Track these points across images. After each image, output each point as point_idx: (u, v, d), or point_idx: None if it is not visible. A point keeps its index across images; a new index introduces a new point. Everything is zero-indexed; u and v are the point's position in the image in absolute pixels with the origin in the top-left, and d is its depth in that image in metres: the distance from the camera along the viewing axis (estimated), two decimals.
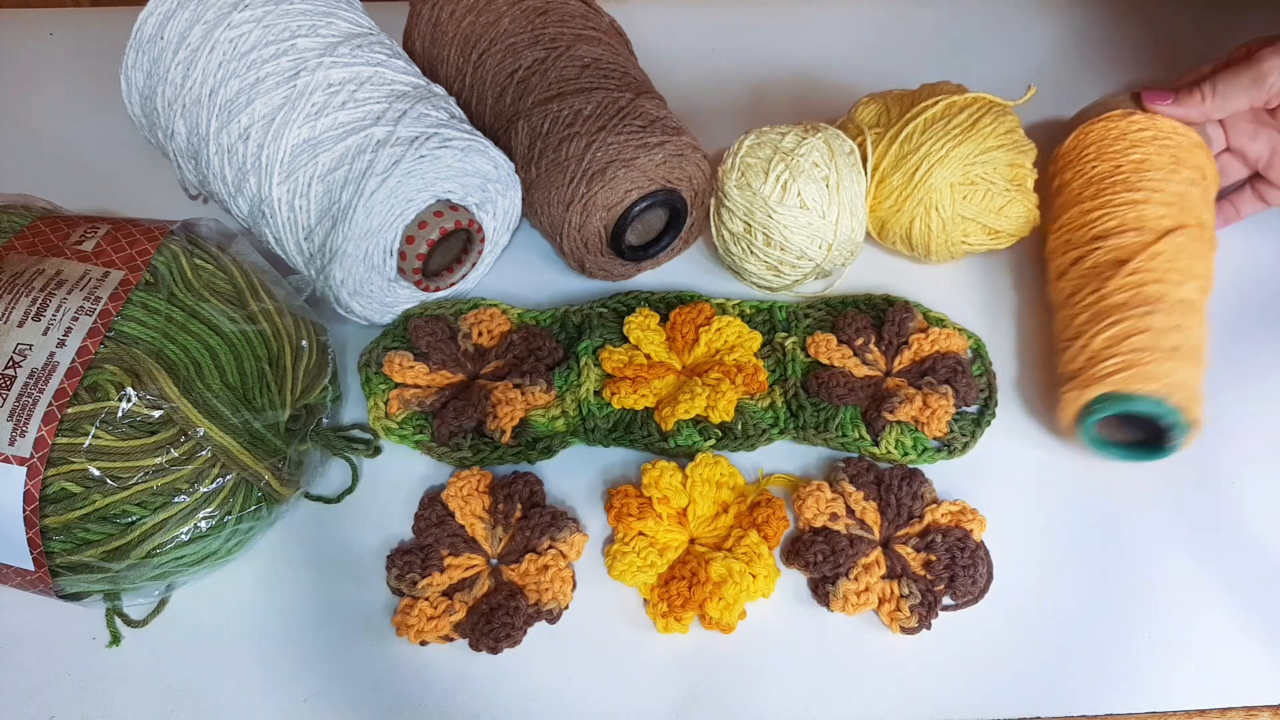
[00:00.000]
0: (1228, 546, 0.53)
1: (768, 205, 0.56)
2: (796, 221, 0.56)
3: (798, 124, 0.58)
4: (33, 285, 0.47)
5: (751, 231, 0.57)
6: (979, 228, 0.58)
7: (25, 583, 0.46)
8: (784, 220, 0.56)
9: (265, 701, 0.48)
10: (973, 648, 0.50)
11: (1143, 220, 0.55)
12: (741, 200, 0.57)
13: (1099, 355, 0.52)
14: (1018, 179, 0.58)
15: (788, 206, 0.56)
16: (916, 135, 0.58)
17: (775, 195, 0.56)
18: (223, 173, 0.55)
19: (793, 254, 0.57)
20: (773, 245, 0.57)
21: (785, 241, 0.57)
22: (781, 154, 0.56)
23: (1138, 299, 0.53)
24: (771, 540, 0.51)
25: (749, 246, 0.58)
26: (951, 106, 0.58)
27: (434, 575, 0.50)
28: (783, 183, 0.56)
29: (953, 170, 0.57)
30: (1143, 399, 0.50)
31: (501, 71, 0.60)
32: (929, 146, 0.57)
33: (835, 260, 0.58)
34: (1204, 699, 0.48)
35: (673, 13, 0.78)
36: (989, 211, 0.58)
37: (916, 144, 0.57)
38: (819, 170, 0.56)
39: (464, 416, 0.54)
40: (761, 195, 0.56)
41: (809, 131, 0.57)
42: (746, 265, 0.59)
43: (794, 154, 0.56)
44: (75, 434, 0.44)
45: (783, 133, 0.57)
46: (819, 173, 0.56)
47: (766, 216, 0.56)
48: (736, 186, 0.57)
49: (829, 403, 0.56)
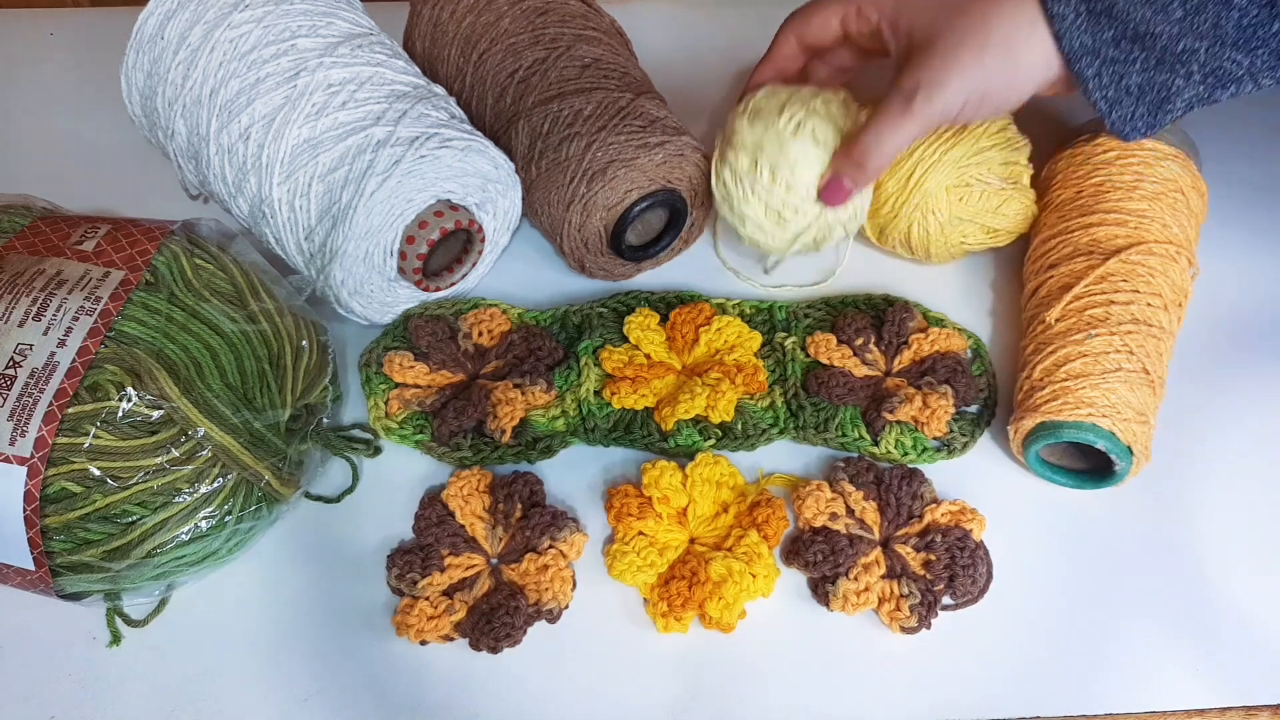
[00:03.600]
0: (1228, 546, 0.53)
1: (780, 136, 0.53)
2: (807, 156, 0.53)
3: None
4: (33, 285, 0.47)
5: (757, 169, 0.54)
6: (977, 228, 0.58)
7: (25, 582, 0.46)
8: (794, 154, 0.53)
9: (265, 701, 0.48)
10: (972, 648, 0.50)
11: (1095, 243, 0.55)
12: (751, 135, 0.54)
13: (1036, 385, 0.53)
14: (1012, 176, 0.58)
15: (800, 141, 0.53)
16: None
17: (789, 129, 0.53)
18: (223, 173, 0.55)
19: (797, 195, 0.54)
20: (778, 182, 0.54)
21: (792, 178, 0.53)
22: (799, 99, 0.54)
23: (1079, 324, 0.53)
24: (771, 540, 0.51)
25: (752, 186, 0.54)
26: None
27: (434, 575, 0.50)
28: (797, 121, 0.53)
29: (946, 173, 0.57)
30: (1071, 426, 0.50)
31: (502, 71, 0.60)
32: (921, 151, 0.57)
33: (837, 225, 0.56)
34: (1204, 699, 0.48)
35: (673, 13, 0.78)
36: (986, 211, 0.58)
37: (909, 150, 0.57)
38: (835, 121, 0.53)
39: (464, 416, 0.54)
40: (775, 128, 0.53)
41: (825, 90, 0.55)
42: (746, 210, 0.55)
43: (811, 101, 0.54)
44: (76, 434, 0.44)
45: (799, 87, 0.55)
46: (833, 124, 0.53)
47: (777, 149, 0.53)
48: (748, 123, 0.54)
49: (829, 402, 0.56)
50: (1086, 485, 0.53)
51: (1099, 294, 0.53)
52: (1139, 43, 0.45)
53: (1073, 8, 0.46)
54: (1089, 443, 0.50)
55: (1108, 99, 0.47)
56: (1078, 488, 0.54)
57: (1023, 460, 0.54)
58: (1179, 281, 0.55)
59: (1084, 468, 0.54)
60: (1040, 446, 0.52)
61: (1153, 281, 0.53)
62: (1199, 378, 0.58)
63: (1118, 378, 0.51)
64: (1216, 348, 0.59)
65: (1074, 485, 0.54)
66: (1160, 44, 0.45)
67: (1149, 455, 0.52)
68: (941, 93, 0.48)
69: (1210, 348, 0.59)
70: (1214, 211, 0.60)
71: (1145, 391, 0.51)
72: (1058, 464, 0.54)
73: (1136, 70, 0.46)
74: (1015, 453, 0.54)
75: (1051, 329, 0.54)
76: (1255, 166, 0.67)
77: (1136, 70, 0.46)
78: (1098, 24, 0.46)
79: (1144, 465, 0.52)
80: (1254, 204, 0.66)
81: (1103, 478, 0.53)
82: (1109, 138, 0.58)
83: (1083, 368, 0.52)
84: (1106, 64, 0.46)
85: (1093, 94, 0.47)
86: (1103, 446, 0.50)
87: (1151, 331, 0.52)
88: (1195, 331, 0.58)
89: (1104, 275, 0.54)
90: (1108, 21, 0.45)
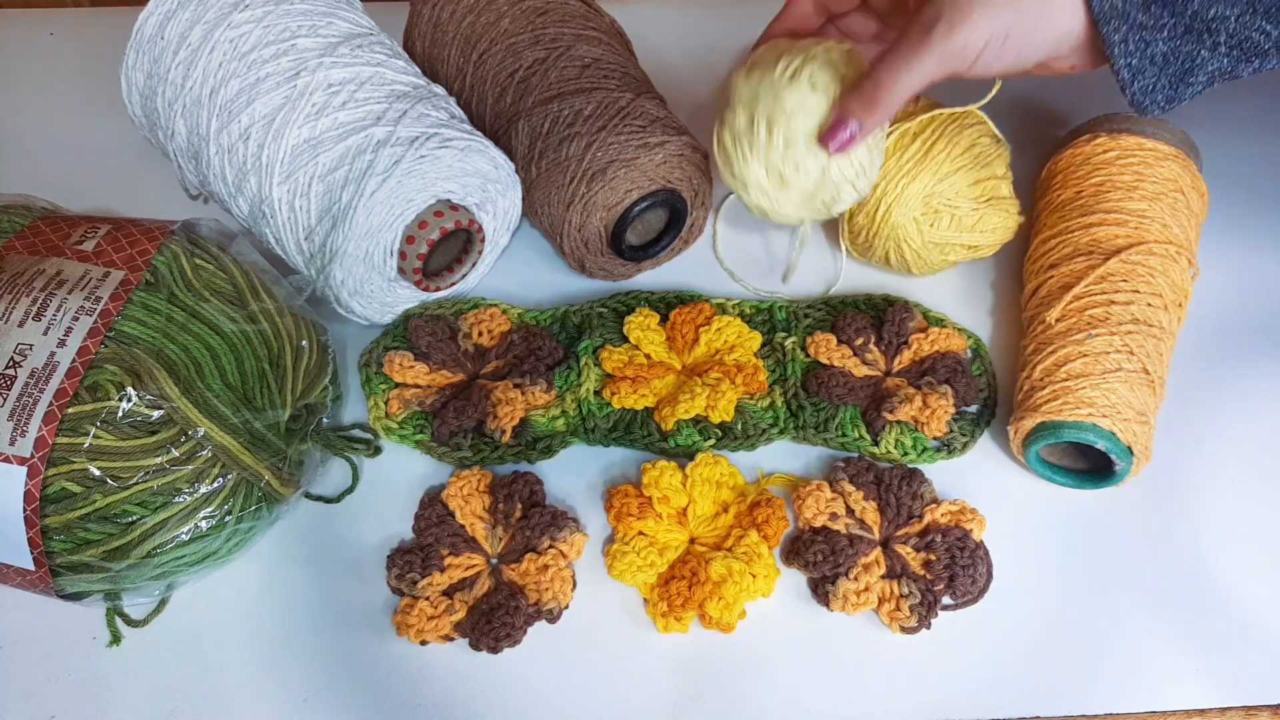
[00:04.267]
0: (1228, 546, 0.53)
1: (775, 86, 0.50)
2: (805, 105, 0.49)
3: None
4: (33, 285, 0.47)
5: (754, 126, 0.51)
6: (956, 247, 0.58)
7: (25, 582, 0.46)
8: (790, 103, 0.49)
9: (265, 701, 0.48)
10: (972, 648, 0.50)
11: (1095, 243, 0.55)
12: (747, 88, 0.51)
13: (1036, 385, 0.53)
14: (986, 193, 0.56)
15: (796, 88, 0.49)
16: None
17: (784, 79, 0.50)
18: (223, 173, 0.55)
19: (797, 149, 0.50)
20: (775, 136, 0.50)
21: (790, 131, 0.50)
22: (799, 48, 0.51)
23: (1079, 324, 0.53)
24: (771, 540, 0.51)
25: (750, 145, 0.51)
26: (905, 136, 0.56)
27: (434, 575, 0.50)
28: (794, 68, 0.50)
29: (911, 206, 0.56)
30: (1072, 426, 0.50)
31: (502, 71, 0.60)
32: (884, 185, 0.56)
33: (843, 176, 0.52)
34: (1204, 699, 0.48)
35: (673, 13, 0.78)
36: (961, 231, 0.57)
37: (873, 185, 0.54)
38: (835, 66, 0.50)
39: (464, 416, 0.54)
40: (769, 79, 0.50)
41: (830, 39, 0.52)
42: (746, 174, 0.52)
43: (810, 50, 0.51)
44: (76, 434, 0.44)
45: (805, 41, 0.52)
46: (835, 66, 0.50)
47: (772, 99, 0.50)
48: (744, 78, 0.51)
49: (829, 402, 0.56)
50: (1086, 485, 0.53)
51: (1099, 294, 0.53)
52: (1169, 8, 0.44)
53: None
54: (1089, 443, 0.50)
55: (1131, 67, 0.46)
56: (1078, 488, 0.54)
57: (1023, 460, 0.54)
58: (1179, 281, 0.55)
59: (1084, 468, 0.54)
60: (1040, 446, 0.52)
61: (1153, 282, 0.53)
62: (1199, 378, 0.58)
63: (1118, 378, 0.51)
64: (1216, 348, 0.59)
65: (1074, 485, 0.54)
66: (1191, 9, 0.44)
67: (1149, 455, 0.52)
68: (965, 25, 0.45)
69: (1210, 348, 0.59)
70: (1214, 211, 0.60)
71: (1145, 391, 0.51)
72: (1058, 464, 0.54)
73: (1164, 38, 0.45)
74: (1015, 453, 0.54)
75: (1052, 329, 0.54)
76: (1255, 166, 0.67)
77: (1164, 38, 0.45)
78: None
79: (1144, 465, 0.52)
80: (1254, 204, 0.66)
81: (1103, 478, 0.53)
82: (1109, 137, 0.58)
83: (1083, 368, 0.52)
84: (1134, 29, 0.45)
85: (1117, 61, 0.45)
86: (1103, 446, 0.50)
87: (1152, 331, 0.53)
88: (1195, 331, 0.58)
89: (1104, 275, 0.54)
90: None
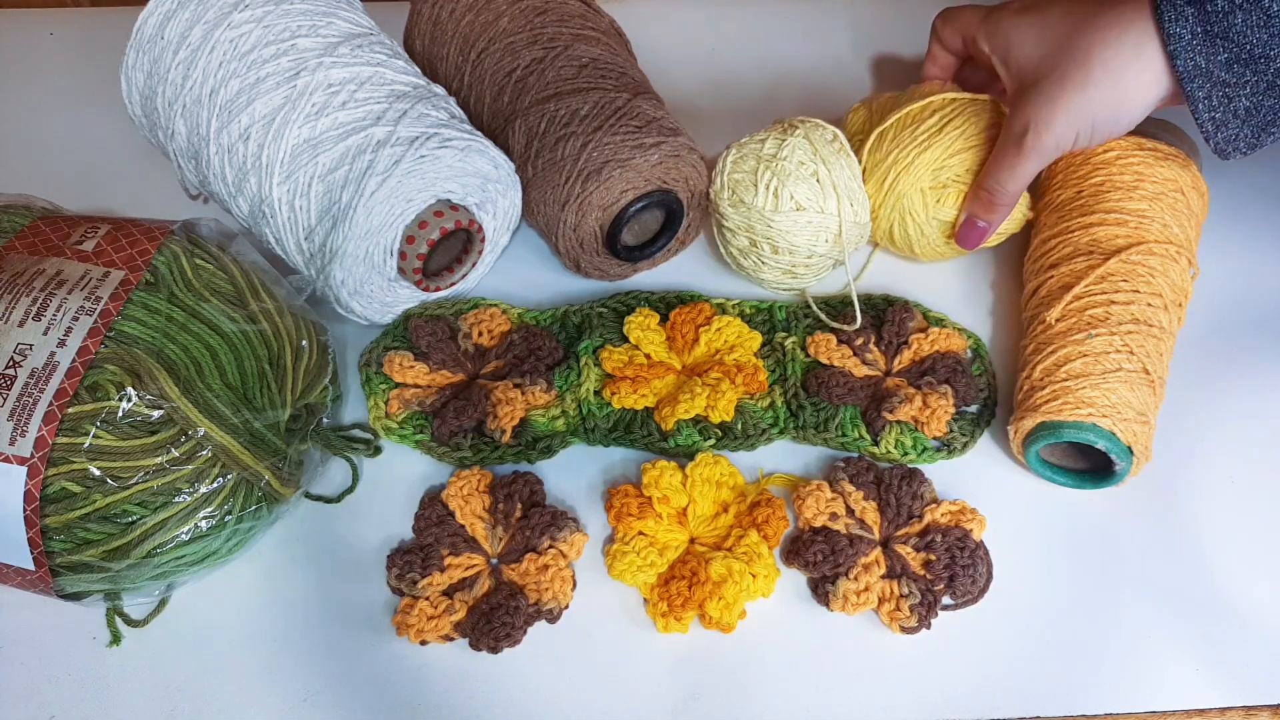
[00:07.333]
0: (1228, 546, 0.53)
1: (764, 216, 0.55)
2: (796, 224, 0.55)
3: (776, 124, 0.58)
4: (33, 285, 0.47)
5: (757, 245, 0.57)
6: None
7: (25, 582, 0.46)
8: (783, 226, 0.55)
9: (265, 701, 0.48)
10: (972, 648, 0.50)
11: (1095, 243, 0.55)
12: (738, 217, 0.57)
13: (1036, 385, 0.53)
14: None
15: (784, 213, 0.55)
16: (886, 142, 0.57)
17: (769, 205, 0.55)
18: (223, 173, 0.55)
19: (802, 254, 0.57)
20: (780, 252, 0.57)
21: (792, 246, 0.56)
22: (765, 162, 0.56)
23: (1079, 324, 0.53)
24: (771, 540, 0.51)
25: (759, 259, 0.58)
26: (925, 109, 0.57)
27: (434, 575, 0.50)
28: (773, 190, 0.55)
29: (920, 176, 0.56)
30: (1072, 426, 0.50)
31: (500, 71, 0.60)
32: (896, 154, 0.57)
33: (848, 245, 0.57)
34: (1204, 699, 0.48)
35: (673, 13, 0.78)
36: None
37: (886, 151, 0.57)
38: (805, 168, 0.55)
39: (464, 416, 0.54)
40: (756, 208, 0.56)
41: (787, 131, 0.57)
42: (762, 275, 0.59)
43: (777, 159, 0.55)
44: (76, 434, 0.44)
45: (762, 139, 0.57)
46: (806, 170, 0.55)
47: (766, 227, 0.56)
48: (730, 205, 0.57)
49: (829, 402, 0.56)
50: (1086, 485, 0.53)
51: (1099, 294, 0.53)
52: (1251, 66, 0.46)
53: (1189, 28, 0.46)
54: (1089, 443, 0.50)
55: (1215, 120, 0.48)
56: (1078, 488, 0.54)
57: (1023, 460, 0.54)
58: (1179, 281, 0.55)
59: (1084, 468, 0.54)
60: (1040, 446, 0.52)
61: (1153, 281, 0.53)
62: (1199, 378, 0.58)
63: (1118, 378, 0.51)
64: (1216, 348, 0.59)
65: (1074, 485, 0.54)
66: (1274, 67, 0.45)
67: (1149, 455, 0.52)
68: (1050, 132, 0.51)
69: (1210, 348, 0.59)
70: (1214, 211, 0.60)
71: (1145, 391, 0.51)
72: (1058, 464, 0.54)
73: (1246, 95, 0.47)
74: (1015, 453, 0.54)
75: (1052, 329, 0.54)
76: (1255, 166, 0.67)
77: (1246, 95, 0.47)
78: (1213, 46, 0.46)
79: (1144, 465, 0.52)
80: (1254, 204, 0.66)
81: (1103, 478, 0.53)
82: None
83: (1083, 368, 0.52)
84: (1218, 86, 0.47)
85: (1200, 115, 0.48)
86: (1103, 446, 0.50)
87: (1152, 331, 0.52)
88: (1195, 331, 0.58)
89: (1104, 275, 0.54)
90: (1223, 44, 0.46)
